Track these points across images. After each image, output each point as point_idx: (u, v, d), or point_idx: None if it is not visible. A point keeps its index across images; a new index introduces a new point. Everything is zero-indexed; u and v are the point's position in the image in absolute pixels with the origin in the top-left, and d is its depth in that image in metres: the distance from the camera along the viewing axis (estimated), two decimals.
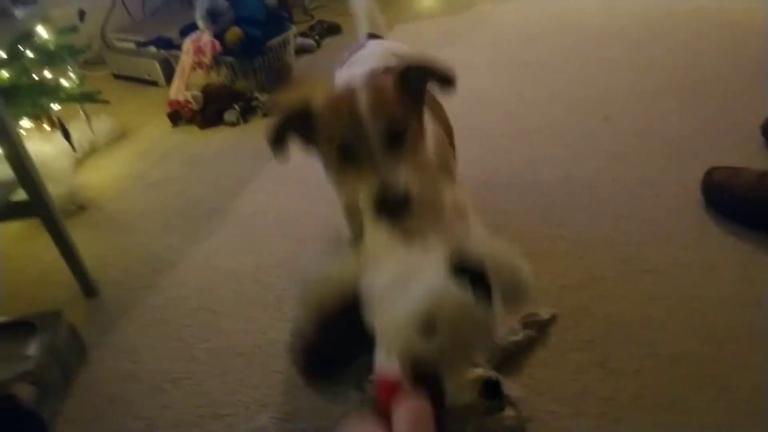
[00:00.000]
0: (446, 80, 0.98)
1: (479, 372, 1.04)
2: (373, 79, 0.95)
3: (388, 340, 0.58)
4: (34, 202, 1.45)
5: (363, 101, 0.89)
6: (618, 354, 1.19)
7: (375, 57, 1.34)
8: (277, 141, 0.98)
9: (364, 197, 0.88)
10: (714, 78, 2.20)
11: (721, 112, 1.97)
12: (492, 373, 1.05)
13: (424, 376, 0.56)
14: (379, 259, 0.73)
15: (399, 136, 0.91)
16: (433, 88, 1.01)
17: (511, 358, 1.21)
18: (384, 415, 0.53)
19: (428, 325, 0.57)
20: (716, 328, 1.22)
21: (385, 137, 0.88)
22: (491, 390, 1.02)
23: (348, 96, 0.91)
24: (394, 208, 0.85)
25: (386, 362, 0.57)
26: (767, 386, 1.09)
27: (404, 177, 0.87)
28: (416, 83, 0.98)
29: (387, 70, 0.99)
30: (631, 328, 1.24)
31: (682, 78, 2.24)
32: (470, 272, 0.62)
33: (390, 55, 1.34)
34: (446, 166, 1.21)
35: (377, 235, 0.78)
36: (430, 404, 0.54)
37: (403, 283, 0.62)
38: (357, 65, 1.34)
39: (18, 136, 1.41)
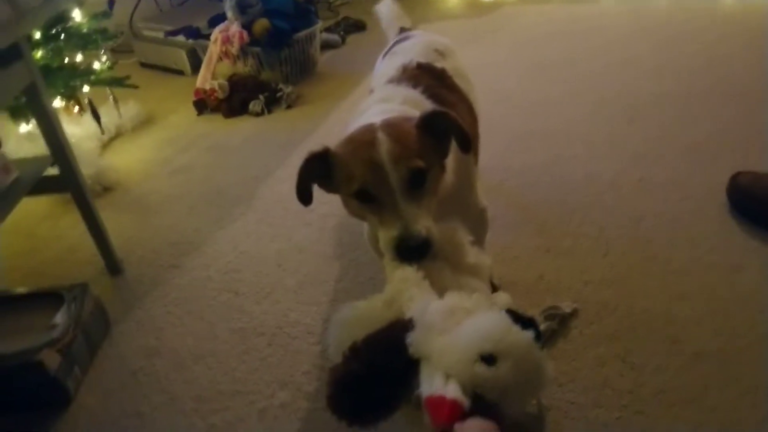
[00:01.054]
0: (463, 140, 0.96)
1: None
2: (393, 125, 0.94)
3: (448, 364, 0.56)
4: (65, 178, 1.48)
5: (384, 148, 0.88)
6: (640, 349, 1.19)
7: (417, 50, 1.33)
8: (302, 190, 0.99)
9: (384, 241, 0.87)
10: (740, 81, 2.19)
11: (747, 115, 1.96)
12: None
13: (484, 407, 0.55)
14: (412, 293, 0.72)
15: (419, 181, 0.90)
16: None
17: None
18: None
19: (492, 354, 0.56)
20: (741, 328, 1.21)
21: (406, 182, 0.88)
22: None
23: (368, 141, 0.90)
24: (414, 253, 0.84)
25: (440, 386, 0.55)
26: None
27: (424, 222, 0.87)
28: (440, 129, 0.96)
29: (407, 118, 0.98)
30: (654, 325, 1.24)
31: (708, 81, 2.23)
32: (524, 321, 0.62)
33: (432, 50, 1.34)
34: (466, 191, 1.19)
35: (403, 273, 0.78)
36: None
37: (464, 314, 0.61)
38: (398, 56, 1.34)
39: (54, 113, 1.44)
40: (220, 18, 2.63)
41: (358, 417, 0.61)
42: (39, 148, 1.47)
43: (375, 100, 1.13)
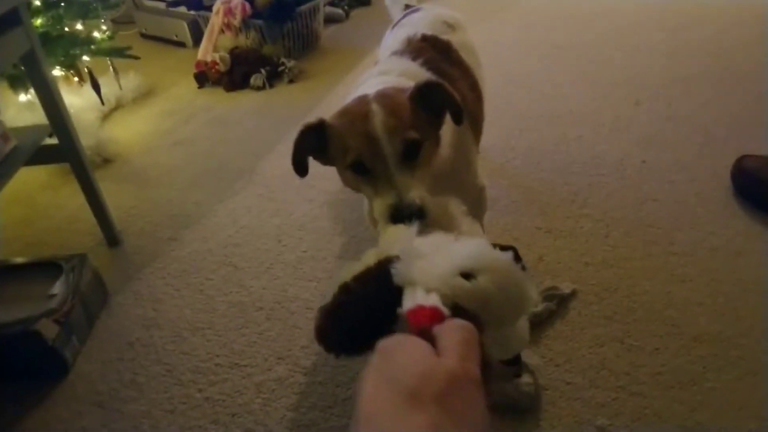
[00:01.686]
0: (456, 112, 0.96)
1: None
2: (386, 96, 0.93)
3: (428, 280, 0.55)
4: (64, 148, 1.47)
5: (378, 119, 0.88)
6: (638, 331, 1.19)
7: (424, 22, 1.31)
8: (298, 162, 0.99)
9: (379, 210, 0.87)
10: (750, 67, 2.17)
11: (755, 100, 1.94)
12: None
13: (464, 317, 0.54)
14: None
15: (413, 153, 0.90)
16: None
17: (530, 328, 1.21)
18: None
19: (472, 272, 0.56)
20: (741, 312, 1.21)
21: (400, 154, 0.88)
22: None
23: (362, 113, 0.90)
24: (408, 221, 0.82)
25: (421, 298, 0.54)
26: None
27: (418, 192, 0.87)
28: (434, 101, 0.95)
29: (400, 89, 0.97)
30: (653, 307, 1.24)
31: (717, 66, 2.20)
32: (504, 248, 0.62)
33: (440, 23, 1.32)
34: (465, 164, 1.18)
35: (395, 229, 0.78)
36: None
37: (447, 244, 0.61)
38: (405, 28, 1.32)
39: (53, 81, 1.42)
40: None
41: (345, 347, 0.61)
42: (39, 117, 1.45)
43: (374, 73, 1.12)
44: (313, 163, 0.95)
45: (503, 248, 0.61)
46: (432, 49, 1.19)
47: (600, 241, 1.43)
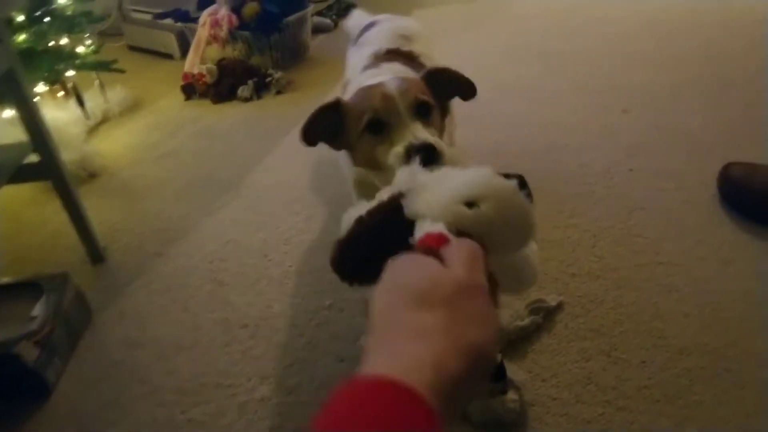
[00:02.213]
0: (468, 88, 1.04)
1: None
2: (401, 76, 1.02)
3: (433, 211, 0.57)
4: (46, 165, 1.45)
5: (393, 84, 0.97)
6: (625, 344, 1.18)
7: (382, 37, 1.38)
8: (308, 138, 1.04)
9: (395, 154, 0.92)
10: (740, 76, 2.17)
11: (743, 109, 1.94)
12: (497, 356, 1.04)
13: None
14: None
15: (426, 111, 0.97)
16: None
17: (516, 343, 1.20)
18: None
19: (474, 198, 0.58)
20: (728, 322, 1.20)
21: (413, 108, 0.95)
22: (495, 372, 1.02)
23: (378, 85, 0.98)
24: (425, 158, 0.87)
25: (427, 228, 0.56)
26: None
27: (432, 137, 0.93)
28: (441, 86, 1.03)
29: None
30: (640, 319, 1.23)
31: (705, 74, 2.20)
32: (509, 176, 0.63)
33: (398, 36, 1.37)
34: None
35: (408, 167, 0.79)
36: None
37: (452, 176, 0.63)
38: (366, 47, 1.36)
39: (33, 99, 1.41)
40: (209, 1, 2.57)
41: (359, 276, 0.65)
42: (23, 133, 1.44)
43: (366, 77, 1.15)
44: (298, 181, 0.96)
45: (508, 176, 0.62)
46: (402, 59, 1.24)
47: (587, 251, 1.43)
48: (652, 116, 1.96)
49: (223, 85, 2.42)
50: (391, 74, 1.14)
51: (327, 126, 1.03)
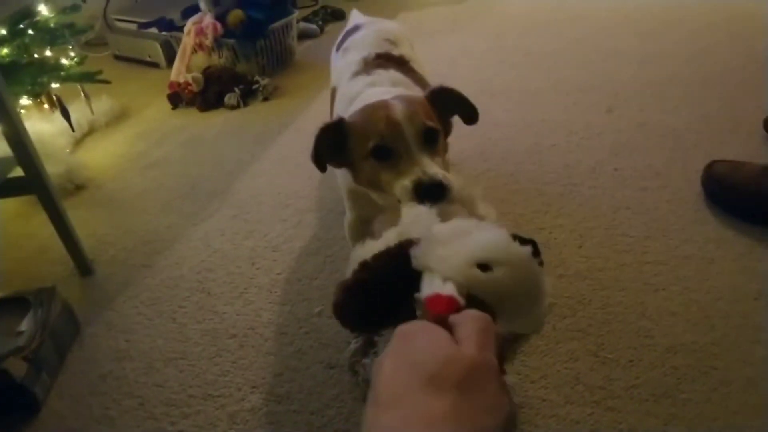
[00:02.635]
0: (471, 112, 1.06)
1: None
2: (406, 96, 1.02)
3: (446, 269, 0.57)
4: (30, 180, 1.44)
5: (398, 108, 0.95)
6: (613, 343, 1.19)
7: (368, 42, 1.37)
8: (317, 160, 1.03)
9: (402, 188, 0.91)
10: (722, 71, 2.19)
11: (727, 105, 1.96)
12: None
13: (479, 307, 0.55)
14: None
15: (433, 138, 0.96)
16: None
17: (504, 345, 1.20)
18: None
19: (489, 263, 0.58)
20: (714, 320, 1.21)
21: (421, 136, 0.94)
22: None
23: (383, 106, 0.97)
24: (432, 195, 0.87)
25: (438, 286, 0.56)
26: (765, 379, 1.08)
27: (440, 170, 0.92)
28: (444, 105, 1.04)
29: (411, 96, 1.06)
30: (627, 318, 1.24)
31: (689, 70, 2.22)
32: (523, 240, 0.64)
33: (383, 41, 1.37)
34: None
35: (415, 209, 0.78)
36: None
37: (466, 232, 0.63)
38: (352, 51, 1.37)
39: (16, 113, 1.40)
40: (193, 9, 2.57)
41: (361, 324, 0.65)
42: (7, 148, 1.44)
43: (364, 85, 1.16)
44: (285, 188, 0.96)
45: (522, 241, 0.63)
46: (393, 64, 1.24)
47: (574, 252, 1.43)
48: (636, 114, 1.97)
49: (209, 93, 2.41)
50: (389, 85, 1.15)
51: (330, 144, 1.01)
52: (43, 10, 2.06)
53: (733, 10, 2.71)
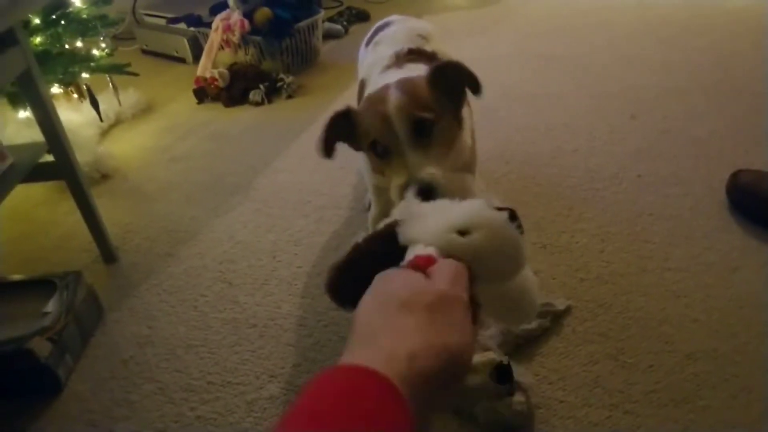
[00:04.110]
0: (472, 82, 1.01)
1: (491, 356, 1.05)
2: (405, 81, 1.00)
3: (426, 237, 0.60)
4: (60, 165, 1.48)
5: (392, 100, 0.95)
6: (633, 348, 1.18)
7: (400, 36, 1.36)
8: (324, 146, 1.04)
9: (393, 189, 0.94)
10: (746, 79, 2.17)
11: (751, 114, 1.94)
12: (504, 358, 1.05)
13: None
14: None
15: (424, 131, 0.95)
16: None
17: (523, 345, 1.21)
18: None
19: (467, 227, 0.60)
20: (736, 328, 1.20)
21: (411, 132, 0.94)
22: (502, 374, 1.02)
23: (381, 97, 0.97)
24: (423, 195, 0.88)
25: (419, 251, 0.59)
26: None
27: (429, 170, 0.92)
28: (451, 81, 1.01)
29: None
30: (648, 324, 1.23)
31: (713, 78, 2.21)
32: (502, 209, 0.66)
33: (415, 36, 1.36)
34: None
35: (406, 201, 0.81)
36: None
37: (447, 207, 0.66)
38: (383, 45, 1.36)
39: (50, 100, 1.43)
40: (221, 6, 2.61)
41: (353, 301, 0.64)
42: (38, 134, 1.47)
43: (388, 78, 1.16)
44: (307, 184, 0.97)
45: (501, 209, 0.65)
46: (424, 59, 1.22)
47: (595, 256, 1.43)
48: (659, 121, 1.96)
49: (234, 89, 2.44)
50: (396, 45, 1.18)
51: (343, 130, 1.03)
52: (76, 1, 2.10)
53: (757, 18, 2.69)
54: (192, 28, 2.82)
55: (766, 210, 1.44)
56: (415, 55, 1.23)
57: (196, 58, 2.74)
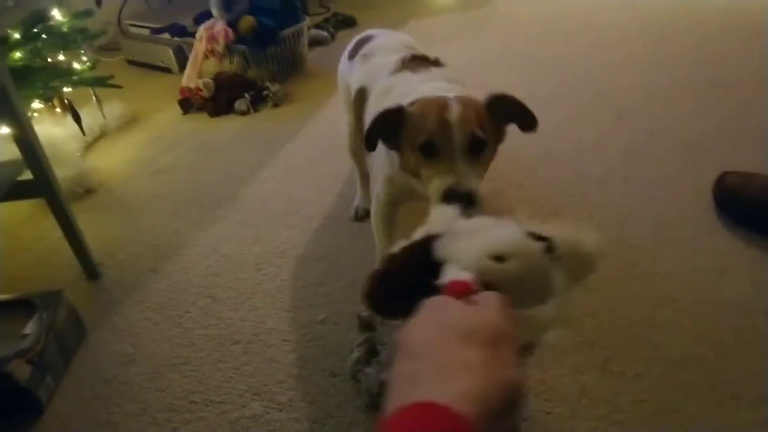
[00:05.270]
0: (530, 121, 1.07)
1: None
2: (467, 99, 1.04)
3: (463, 259, 0.61)
4: (39, 183, 1.45)
5: (455, 110, 0.99)
6: (620, 356, 1.17)
7: (392, 47, 1.40)
8: (371, 140, 1.08)
9: (435, 189, 0.98)
10: (733, 79, 2.16)
11: (738, 113, 1.94)
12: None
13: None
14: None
15: (478, 148, 1.00)
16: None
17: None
18: None
19: (504, 254, 0.62)
20: (724, 333, 1.19)
21: (467, 144, 0.98)
22: None
23: (442, 103, 1.01)
24: (461, 203, 0.90)
25: (455, 274, 0.60)
26: None
27: (476, 180, 0.98)
28: (507, 112, 1.07)
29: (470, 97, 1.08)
30: (635, 331, 1.22)
31: (700, 78, 2.20)
32: (540, 237, 0.68)
33: (405, 48, 1.40)
34: None
35: (441, 209, 0.82)
36: None
37: (485, 228, 0.67)
38: (378, 56, 1.39)
39: (26, 116, 1.41)
40: (205, 15, 2.59)
41: (388, 310, 0.70)
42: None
43: (419, 81, 1.19)
44: (293, 194, 0.94)
45: (539, 238, 0.66)
46: (430, 64, 1.28)
47: None
48: (646, 122, 1.96)
49: (220, 99, 2.43)
50: (445, 82, 1.19)
51: (387, 127, 1.06)
52: (57, 14, 2.08)
53: (744, 17, 2.69)
54: (177, 38, 2.80)
55: (752, 212, 1.43)
56: (420, 60, 1.27)
57: (182, 67, 2.73)
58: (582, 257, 0.72)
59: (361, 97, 1.39)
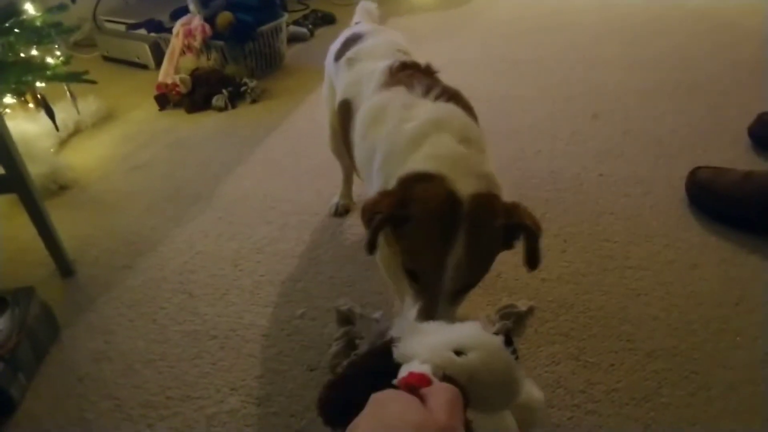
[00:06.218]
0: (534, 259, 0.91)
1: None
2: (479, 218, 0.87)
3: (422, 353, 0.62)
4: (12, 179, 1.43)
5: (457, 252, 0.84)
6: (594, 348, 1.19)
7: (381, 52, 1.29)
8: (372, 243, 0.89)
9: (410, 305, 0.91)
10: (707, 79, 2.21)
11: (712, 112, 1.98)
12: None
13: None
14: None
15: (464, 291, 0.91)
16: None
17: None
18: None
19: (463, 347, 0.63)
20: (695, 325, 1.21)
21: (455, 289, 0.88)
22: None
23: (446, 233, 0.86)
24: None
25: (414, 368, 0.60)
26: (744, 384, 1.08)
27: (452, 316, 0.90)
28: (513, 232, 0.91)
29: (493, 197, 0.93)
30: (609, 323, 1.24)
31: (674, 78, 2.24)
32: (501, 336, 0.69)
33: (395, 51, 1.31)
34: None
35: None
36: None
37: (444, 327, 0.69)
38: (365, 62, 1.28)
39: None
40: (182, 11, 2.56)
41: (343, 420, 0.65)
42: None
43: (425, 122, 1.02)
44: (271, 190, 0.93)
45: (497, 334, 0.68)
46: (424, 76, 1.15)
47: (557, 256, 1.43)
48: (621, 121, 1.99)
49: (197, 95, 2.40)
50: (456, 137, 1.04)
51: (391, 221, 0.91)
52: (30, 8, 2.04)
53: (717, 20, 2.75)
54: (153, 34, 2.77)
55: (723, 206, 1.47)
56: (410, 69, 1.15)
57: (159, 63, 2.69)
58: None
59: (345, 110, 1.26)
